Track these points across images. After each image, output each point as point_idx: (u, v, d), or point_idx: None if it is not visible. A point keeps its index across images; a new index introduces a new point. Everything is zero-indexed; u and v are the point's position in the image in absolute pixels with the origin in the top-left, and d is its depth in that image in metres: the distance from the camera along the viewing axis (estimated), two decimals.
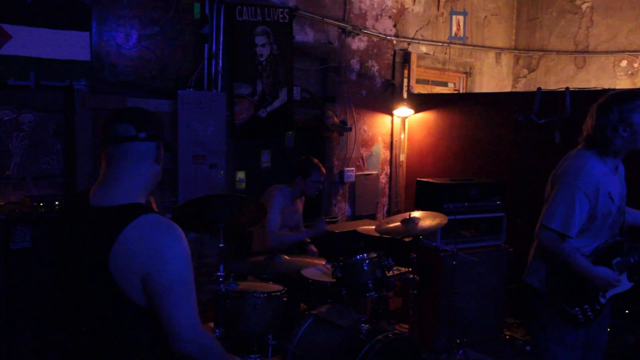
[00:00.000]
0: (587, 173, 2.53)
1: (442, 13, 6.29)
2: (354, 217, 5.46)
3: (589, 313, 2.66)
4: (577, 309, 2.64)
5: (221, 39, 4.27)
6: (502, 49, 7.16)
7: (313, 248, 4.18)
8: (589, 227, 2.61)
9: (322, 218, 4.12)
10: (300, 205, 4.27)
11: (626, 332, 3.79)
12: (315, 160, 4.12)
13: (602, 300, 2.68)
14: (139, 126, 1.66)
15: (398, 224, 3.81)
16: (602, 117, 2.57)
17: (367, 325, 2.94)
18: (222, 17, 4.25)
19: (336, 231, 4.42)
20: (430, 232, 3.96)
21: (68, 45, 3.49)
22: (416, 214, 3.86)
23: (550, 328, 2.74)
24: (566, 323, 2.67)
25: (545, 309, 2.72)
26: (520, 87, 7.29)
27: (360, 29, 5.37)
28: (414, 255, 3.78)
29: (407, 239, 4.28)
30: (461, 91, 6.76)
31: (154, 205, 2.77)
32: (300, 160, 4.16)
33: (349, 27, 5.26)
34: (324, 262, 3.24)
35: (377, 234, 3.88)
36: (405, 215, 3.82)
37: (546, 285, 2.71)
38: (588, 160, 2.58)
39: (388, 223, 3.95)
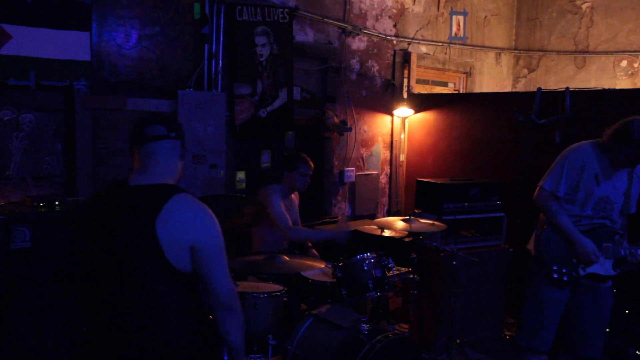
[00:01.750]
0: (577, 151, 3.06)
1: (442, 13, 6.29)
2: (354, 217, 5.46)
3: (565, 277, 3.00)
4: (555, 266, 3.01)
5: (221, 39, 4.27)
6: (502, 49, 7.16)
7: (314, 252, 4.18)
8: (574, 196, 3.03)
9: (349, 229, 4.11)
10: (295, 200, 4.26)
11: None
12: (302, 154, 4.10)
13: (581, 272, 2.99)
14: (169, 127, 2.01)
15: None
16: (618, 129, 2.96)
17: (367, 325, 2.94)
18: (222, 17, 4.25)
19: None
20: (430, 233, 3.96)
21: (68, 45, 3.49)
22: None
23: (530, 284, 3.16)
24: (544, 279, 3.04)
25: (531, 267, 3.15)
26: (520, 87, 7.29)
27: (360, 29, 5.37)
28: (414, 255, 3.78)
29: (407, 239, 4.28)
30: (461, 91, 6.76)
31: None
32: (286, 154, 4.15)
33: (349, 27, 5.26)
34: (323, 266, 3.23)
35: (378, 235, 3.89)
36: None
37: (536, 246, 3.12)
38: (583, 144, 3.10)
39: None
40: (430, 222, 3.90)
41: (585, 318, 3.06)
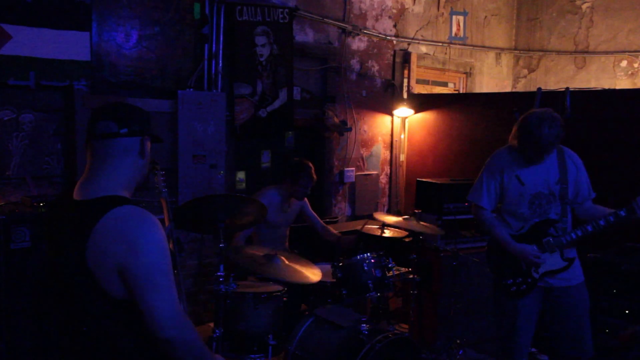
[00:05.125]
0: (493, 157, 3.13)
1: (442, 13, 6.29)
2: (354, 217, 5.46)
3: (522, 286, 2.96)
4: (509, 280, 2.98)
5: (221, 39, 4.27)
6: (502, 49, 7.16)
7: (333, 230, 4.19)
8: (509, 204, 3.01)
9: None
10: (294, 205, 4.21)
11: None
12: (308, 165, 3.90)
13: (535, 275, 2.95)
14: (121, 123, 1.66)
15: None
16: (519, 129, 2.97)
17: (367, 325, 2.94)
18: (222, 17, 4.25)
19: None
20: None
21: (68, 45, 3.50)
22: None
23: (493, 299, 3.11)
24: (501, 294, 3.02)
25: (492, 283, 3.12)
26: (520, 87, 7.29)
27: (360, 29, 5.37)
28: (414, 255, 3.78)
29: (407, 239, 4.28)
30: (461, 91, 6.76)
31: (164, 209, 2.76)
32: (293, 162, 3.98)
33: (349, 27, 5.26)
34: (319, 274, 3.18)
35: (378, 235, 3.88)
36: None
37: (488, 261, 3.13)
38: (499, 150, 3.14)
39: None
40: (427, 225, 3.89)
41: (564, 321, 2.96)
